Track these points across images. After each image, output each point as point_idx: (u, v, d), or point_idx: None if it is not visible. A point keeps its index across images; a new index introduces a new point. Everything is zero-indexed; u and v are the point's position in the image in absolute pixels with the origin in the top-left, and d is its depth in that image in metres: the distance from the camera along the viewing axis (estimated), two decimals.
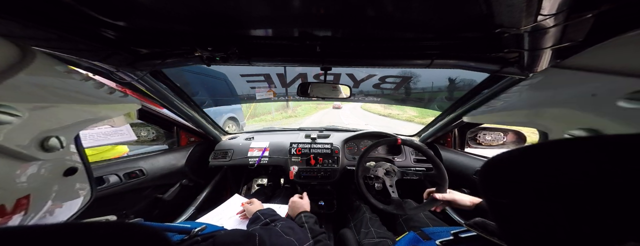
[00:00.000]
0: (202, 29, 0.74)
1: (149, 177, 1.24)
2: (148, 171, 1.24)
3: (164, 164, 1.38)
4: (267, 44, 0.85)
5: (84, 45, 0.67)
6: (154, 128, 1.56)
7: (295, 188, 1.74)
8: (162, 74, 1.09)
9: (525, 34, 0.54)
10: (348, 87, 1.09)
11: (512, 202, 0.26)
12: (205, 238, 0.50)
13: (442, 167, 1.19)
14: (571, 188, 0.20)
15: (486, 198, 0.30)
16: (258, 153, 1.61)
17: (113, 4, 0.59)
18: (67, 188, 0.42)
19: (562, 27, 0.48)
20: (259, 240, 0.52)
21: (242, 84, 2.19)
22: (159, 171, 1.32)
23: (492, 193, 0.29)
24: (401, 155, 1.66)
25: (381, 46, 0.85)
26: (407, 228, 1.08)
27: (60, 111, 0.38)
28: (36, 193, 0.34)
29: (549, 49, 0.55)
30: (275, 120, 11.66)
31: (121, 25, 0.70)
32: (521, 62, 0.71)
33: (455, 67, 0.87)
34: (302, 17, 0.66)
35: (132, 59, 0.83)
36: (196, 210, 1.35)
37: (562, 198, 0.20)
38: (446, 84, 2.53)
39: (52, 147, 0.35)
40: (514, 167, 0.27)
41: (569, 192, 0.20)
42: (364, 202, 1.37)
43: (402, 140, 1.30)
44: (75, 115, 0.41)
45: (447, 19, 0.66)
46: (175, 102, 1.23)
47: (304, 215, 0.92)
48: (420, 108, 7.29)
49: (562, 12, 0.43)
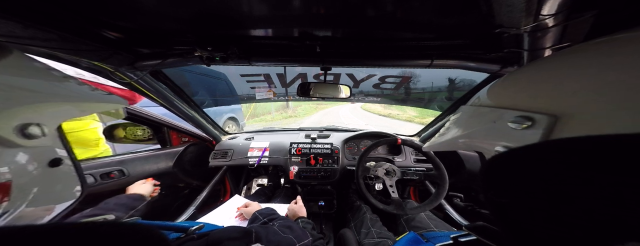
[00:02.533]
0: (202, 29, 0.74)
1: (131, 177, 1.22)
2: (130, 172, 1.22)
3: (151, 165, 1.37)
4: (267, 44, 0.85)
5: (84, 45, 0.67)
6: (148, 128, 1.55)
7: (295, 188, 1.74)
8: (162, 74, 1.09)
9: (525, 34, 0.54)
10: (348, 87, 1.09)
11: (513, 202, 0.26)
12: (201, 236, 0.50)
13: (442, 167, 1.19)
14: (571, 188, 0.20)
15: (487, 198, 0.30)
16: (258, 153, 1.61)
17: (113, 4, 0.59)
18: (54, 179, 0.42)
19: (562, 27, 0.48)
20: (255, 236, 0.52)
21: (242, 84, 2.19)
22: (144, 172, 1.31)
23: (492, 193, 0.29)
24: (401, 155, 1.66)
25: (381, 46, 0.85)
26: (408, 228, 1.08)
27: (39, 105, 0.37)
28: (18, 179, 0.34)
29: (549, 49, 0.55)
30: (275, 120, 11.65)
31: (121, 25, 0.70)
32: (521, 62, 0.70)
33: (455, 67, 0.87)
34: (302, 17, 0.66)
35: (132, 59, 0.83)
36: (196, 210, 1.35)
37: (562, 198, 0.20)
38: (446, 84, 2.53)
39: (33, 134, 0.35)
40: (514, 167, 0.27)
41: (569, 192, 0.20)
42: (364, 202, 1.37)
43: (402, 140, 1.31)
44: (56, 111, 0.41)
45: (447, 19, 0.66)
46: (175, 102, 1.23)
47: (301, 220, 0.92)
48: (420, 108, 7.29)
49: (562, 12, 0.43)
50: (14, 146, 0.33)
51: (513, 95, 0.35)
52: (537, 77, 0.32)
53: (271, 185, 1.86)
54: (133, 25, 0.71)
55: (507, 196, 0.27)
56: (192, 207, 1.33)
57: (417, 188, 1.87)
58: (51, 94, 0.41)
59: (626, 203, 0.17)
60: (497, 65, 0.81)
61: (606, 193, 0.18)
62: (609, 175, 0.18)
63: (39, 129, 0.36)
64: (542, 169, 0.23)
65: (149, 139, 1.56)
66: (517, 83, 0.37)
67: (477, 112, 0.43)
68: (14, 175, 0.33)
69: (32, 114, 0.36)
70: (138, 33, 0.75)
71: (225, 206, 1.18)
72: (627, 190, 0.17)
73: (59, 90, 0.43)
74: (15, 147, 0.34)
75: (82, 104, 0.47)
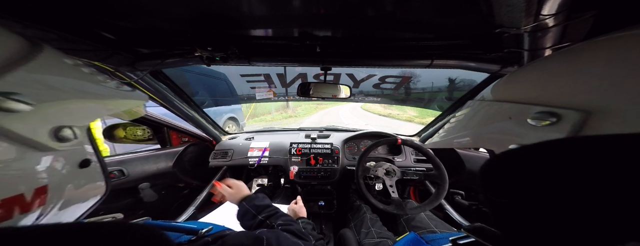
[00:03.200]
0: (202, 29, 0.74)
1: (130, 177, 1.22)
2: (130, 172, 1.22)
3: (151, 165, 1.37)
4: (267, 44, 0.85)
5: (84, 45, 0.67)
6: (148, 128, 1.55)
7: (295, 188, 1.74)
8: (162, 74, 1.09)
9: (526, 34, 0.54)
10: (348, 87, 1.09)
11: (512, 202, 0.26)
12: (215, 239, 0.49)
13: (442, 167, 1.19)
14: (571, 188, 0.20)
15: (486, 198, 0.30)
16: (258, 153, 1.61)
17: (113, 4, 0.59)
18: (83, 180, 0.42)
19: (563, 27, 0.48)
20: (267, 243, 0.51)
21: (242, 84, 2.19)
22: (144, 172, 1.31)
23: (492, 193, 0.29)
24: (401, 155, 1.66)
25: (381, 46, 0.85)
26: (408, 228, 1.08)
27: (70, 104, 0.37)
28: (54, 184, 0.34)
29: (549, 49, 0.55)
30: (275, 120, 11.65)
31: (121, 25, 0.70)
32: (521, 62, 0.70)
33: (456, 67, 0.87)
34: (302, 17, 0.66)
35: (132, 59, 0.83)
36: (196, 210, 1.35)
37: (562, 198, 0.20)
38: (446, 84, 2.53)
39: (66, 137, 0.34)
40: (513, 167, 0.27)
41: (569, 192, 0.20)
42: (364, 202, 1.37)
43: (402, 140, 1.31)
44: (85, 109, 0.40)
45: (447, 19, 0.66)
46: (175, 102, 1.23)
47: (302, 221, 0.92)
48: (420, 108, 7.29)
49: (563, 12, 0.43)
50: (48, 149, 0.33)
51: (531, 89, 0.33)
52: (560, 69, 0.30)
53: (271, 185, 1.86)
54: (133, 25, 0.71)
55: (507, 197, 0.27)
56: (192, 207, 1.33)
57: (417, 188, 1.87)
58: (80, 92, 0.39)
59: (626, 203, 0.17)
60: (497, 65, 0.81)
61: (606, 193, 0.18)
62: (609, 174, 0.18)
63: (72, 132, 0.35)
64: (542, 169, 0.23)
65: (149, 139, 1.56)
66: (535, 77, 0.34)
67: (489, 108, 0.41)
68: (48, 178, 0.33)
69: (64, 115, 0.35)
70: (138, 33, 0.75)
71: (226, 207, 1.18)
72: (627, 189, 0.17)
73: (88, 87, 0.41)
74: (49, 151, 0.33)
75: (110, 102, 0.46)
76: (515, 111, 0.32)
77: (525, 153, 0.26)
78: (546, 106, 0.27)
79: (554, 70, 0.31)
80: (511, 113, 0.32)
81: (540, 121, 0.27)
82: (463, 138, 0.45)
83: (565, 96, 0.27)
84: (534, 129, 0.28)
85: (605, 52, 0.26)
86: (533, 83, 0.33)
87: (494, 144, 0.37)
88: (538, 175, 0.23)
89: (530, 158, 0.25)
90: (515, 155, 0.27)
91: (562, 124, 0.25)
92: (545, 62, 0.33)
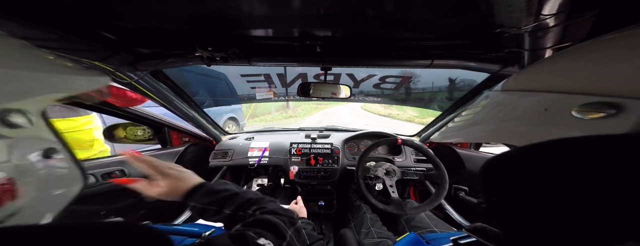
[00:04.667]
0: (202, 29, 0.74)
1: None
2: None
3: None
4: (267, 44, 0.85)
5: (85, 45, 0.67)
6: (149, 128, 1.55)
7: (295, 188, 1.74)
8: (162, 74, 1.09)
9: (526, 33, 0.53)
10: (348, 87, 1.09)
11: (512, 202, 0.26)
12: None
13: (443, 167, 1.19)
14: (571, 188, 0.20)
15: (486, 198, 0.30)
16: (258, 153, 1.61)
17: (113, 4, 0.59)
18: (52, 170, 0.38)
19: (563, 27, 0.48)
20: None
21: (242, 84, 2.19)
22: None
23: (492, 193, 0.29)
24: (401, 155, 1.66)
25: (381, 46, 0.85)
26: (408, 228, 1.08)
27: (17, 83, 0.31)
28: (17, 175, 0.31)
29: (549, 48, 0.55)
30: (275, 120, 11.64)
31: (121, 25, 0.70)
32: (522, 62, 0.70)
33: (456, 67, 0.87)
34: (302, 17, 0.66)
35: (132, 59, 0.83)
36: None
37: (562, 199, 0.20)
38: (446, 84, 2.52)
39: (17, 124, 0.31)
40: (513, 167, 0.27)
41: (569, 192, 0.20)
42: (364, 202, 1.37)
43: (402, 140, 1.31)
44: (36, 89, 0.34)
45: (447, 19, 0.65)
46: (175, 102, 1.23)
47: (302, 221, 0.92)
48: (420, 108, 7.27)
49: (563, 12, 0.43)
50: (4, 137, 0.30)
51: (570, 77, 0.28)
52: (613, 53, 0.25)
53: (271, 185, 1.86)
54: (133, 26, 0.71)
55: (507, 197, 0.27)
56: None
57: (417, 188, 1.87)
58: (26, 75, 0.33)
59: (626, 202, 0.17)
60: (497, 65, 0.81)
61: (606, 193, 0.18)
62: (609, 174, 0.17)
63: (23, 117, 0.31)
64: (542, 169, 0.23)
65: (149, 139, 1.56)
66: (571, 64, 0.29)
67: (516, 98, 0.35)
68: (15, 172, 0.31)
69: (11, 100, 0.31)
70: (138, 33, 0.75)
71: None
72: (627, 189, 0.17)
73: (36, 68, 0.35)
74: (5, 139, 0.30)
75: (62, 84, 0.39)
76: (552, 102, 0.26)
77: (526, 153, 0.26)
78: (598, 96, 0.23)
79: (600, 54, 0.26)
80: (546, 104, 0.27)
81: (591, 113, 0.23)
82: (480, 132, 0.40)
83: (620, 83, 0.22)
84: (580, 122, 0.23)
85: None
86: (571, 71, 0.28)
87: (518, 138, 0.33)
88: (538, 176, 0.23)
89: (530, 158, 0.25)
90: (516, 155, 0.27)
91: (624, 116, 0.21)
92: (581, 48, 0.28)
